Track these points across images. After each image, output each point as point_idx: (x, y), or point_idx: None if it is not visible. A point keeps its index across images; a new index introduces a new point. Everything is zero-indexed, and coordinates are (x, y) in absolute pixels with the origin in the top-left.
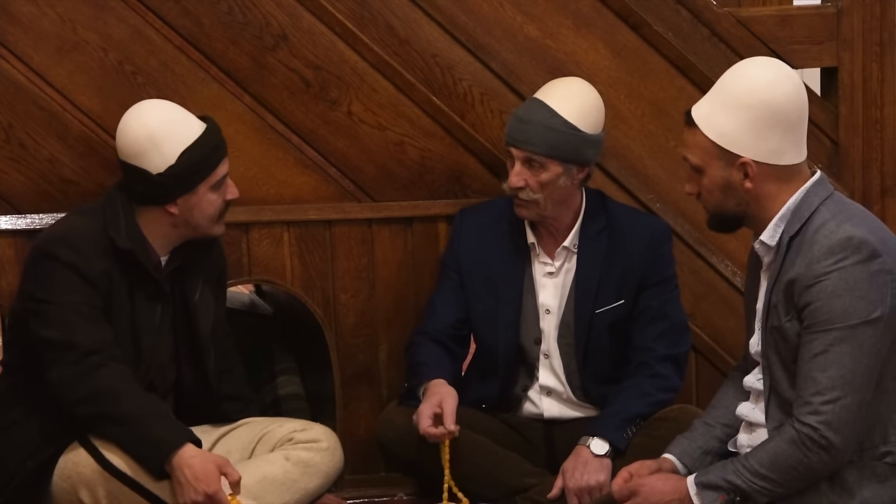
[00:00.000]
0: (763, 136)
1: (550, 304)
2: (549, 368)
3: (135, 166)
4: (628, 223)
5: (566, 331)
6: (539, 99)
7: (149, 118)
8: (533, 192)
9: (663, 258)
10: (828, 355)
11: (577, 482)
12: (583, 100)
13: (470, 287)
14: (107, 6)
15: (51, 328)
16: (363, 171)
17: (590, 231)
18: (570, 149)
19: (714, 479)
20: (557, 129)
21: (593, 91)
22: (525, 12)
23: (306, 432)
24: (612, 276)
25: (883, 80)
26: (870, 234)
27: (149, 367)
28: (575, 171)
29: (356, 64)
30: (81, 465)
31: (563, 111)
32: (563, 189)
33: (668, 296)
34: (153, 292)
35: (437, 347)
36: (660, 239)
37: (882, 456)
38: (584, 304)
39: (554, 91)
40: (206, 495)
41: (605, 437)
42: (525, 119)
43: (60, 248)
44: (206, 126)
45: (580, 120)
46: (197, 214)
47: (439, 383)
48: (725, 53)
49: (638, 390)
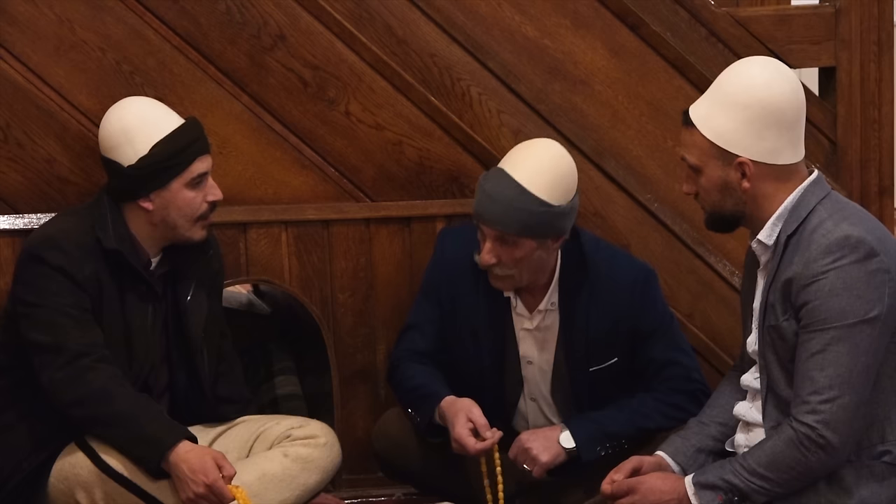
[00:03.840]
0: (760, 136)
1: (531, 356)
2: (537, 411)
3: (110, 160)
4: (607, 272)
5: (561, 385)
6: (507, 174)
7: (126, 112)
8: (508, 268)
9: (650, 303)
10: (825, 354)
11: (526, 441)
12: (553, 171)
13: (449, 321)
14: (105, 6)
15: (40, 331)
16: (361, 171)
17: (569, 287)
18: (542, 225)
19: (712, 478)
20: (528, 207)
21: (564, 157)
22: (523, 12)
23: (303, 429)
24: (600, 331)
25: (881, 79)
26: (867, 234)
27: (141, 367)
28: (550, 242)
29: (354, 64)
30: (78, 467)
31: (533, 187)
32: (538, 261)
33: (668, 340)
34: (144, 293)
35: (425, 367)
36: (643, 285)
37: (880, 455)
38: (577, 363)
39: (522, 162)
40: (206, 486)
41: (576, 440)
42: (494, 197)
43: (48, 251)
44: (184, 122)
45: (550, 194)
46: (173, 213)
47: (452, 401)
48: (723, 53)
49: (639, 411)
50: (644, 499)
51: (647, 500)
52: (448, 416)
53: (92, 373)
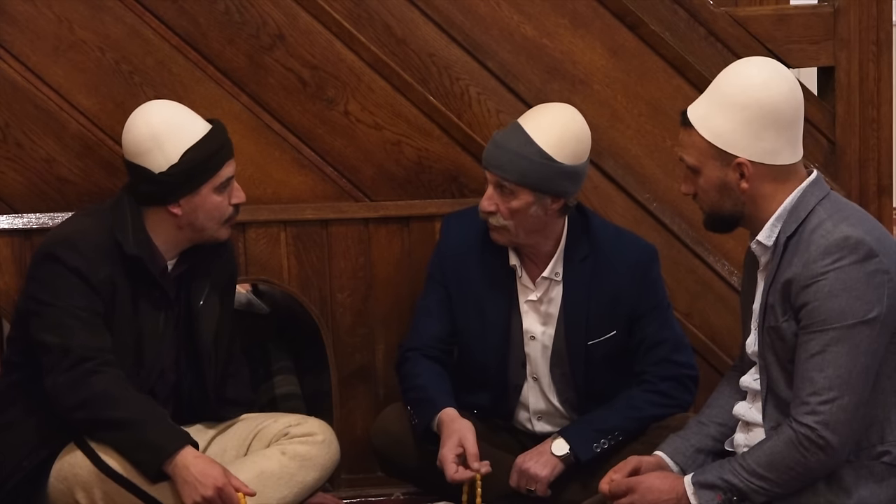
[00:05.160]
0: (758, 136)
1: (535, 330)
2: (539, 393)
3: (138, 165)
4: (612, 249)
5: (559, 360)
6: (519, 124)
7: (153, 117)
8: (503, 219)
9: (651, 284)
10: (825, 355)
11: (522, 463)
12: (563, 129)
13: (456, 303)
14: (104, 6)
15: (49, 331)
16: (360, 171)
17: (573, 259)
18: (541, 178)
19: (711, 478)
20: (530, 157)
21: (578, 122)
22: (522, 12)
23: (301, 426)
24: (601, 306)
25: (880, 79)
26: (866, 234)
27: (150, 372)
28: (549, 201)
29: (353, 63)
30: (78, 467)
31: (540, 139)
32: (534, 218)
33: (662, 320)
34: (158, 298)
35: (433, 365)
36: (645, 264)
37: (879, 455)
38: (576, 336)
39: (536, 117)
40: (216, 489)
41: (569, 442)
42: (500, 144)
43: (65, 252)
44: (211, 126)
45: (556, 150)
46: (202, 216)
47: (452, 417)
48: (722, 53)
49: (627, 403)
50: (642, 498)
51: (646, 500)
52: (443, 433)
53: (95, 377)
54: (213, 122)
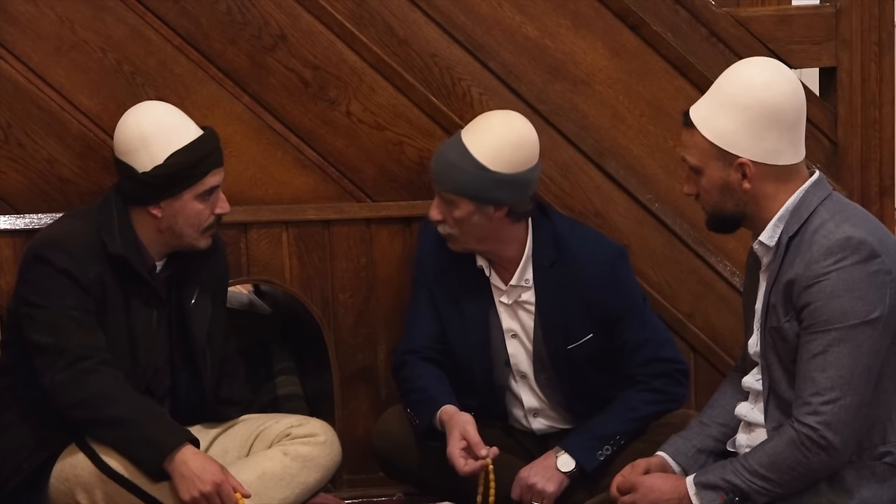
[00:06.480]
0: (761, 137)
1: (515, 328)
2: (529, 390)
3: (124, 163)
4: (578, 252)
5: (542, 365)
6: (459, 135)
7: (144, 117)
8: (449, 227)
9: (621, 284)
10: (827, 356)
11: (527, 478)
12: (498, 139)
13: (439, 304)
14: (105, 6)
15: (42, 333)
16: (362, 171)
17: (541, 265)
18: (478, 189)
19: (713, 479)
20: (465, 168)
21: (517, 130)
22: (524, 12)
23: (303, 427)
24: (575, 310)
25: (882, 79)
26: (868, 235)
27: (144, 371)
28: (491, 210)
29: (355, 64)
30: (79, 468)
31: (475, 150)
32: (479, 227)
33: (640, 321)
34: (148, 297)
35: (430, 367)
36: (612, 265)
37: (881, 456)
38: (554, 342)
39: (475, 127)
40: (214, 484)
41: (574, 456)
42: (441, 155)
43: (53, 253)
44: (202, 133)
45: (491, 159)
46: (181, 221)
47: (452, 412)
48: (724, 53)
49: (624, 406)
50: (644, 498)
51: (648, 500)
52: (446, 429)
53: (93, 376)
54: (205, 129)
